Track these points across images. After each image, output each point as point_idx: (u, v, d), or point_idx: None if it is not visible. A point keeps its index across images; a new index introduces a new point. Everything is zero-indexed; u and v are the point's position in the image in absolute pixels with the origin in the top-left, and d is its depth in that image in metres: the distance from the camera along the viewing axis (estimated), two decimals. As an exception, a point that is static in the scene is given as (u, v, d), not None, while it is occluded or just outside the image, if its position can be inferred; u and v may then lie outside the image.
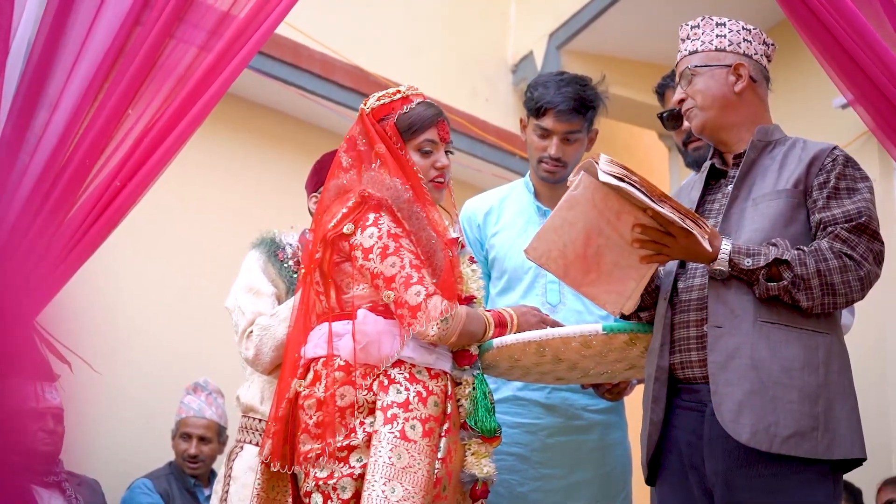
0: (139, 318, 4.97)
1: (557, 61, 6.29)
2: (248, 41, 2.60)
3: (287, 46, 5.44)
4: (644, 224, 2.45)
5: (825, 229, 2.48)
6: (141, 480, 4.68)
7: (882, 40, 2.53)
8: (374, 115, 2.68)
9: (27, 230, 2.37)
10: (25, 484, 2.33)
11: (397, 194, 2.56)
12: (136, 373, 4.91)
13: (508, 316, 2.65)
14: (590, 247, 2.50)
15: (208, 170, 5.39)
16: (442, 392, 2.53)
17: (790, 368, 2.43)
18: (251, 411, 3.16)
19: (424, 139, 2.66)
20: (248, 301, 3.15)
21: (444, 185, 2.71)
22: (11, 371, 2.26)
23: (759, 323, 2.46)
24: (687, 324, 2.57)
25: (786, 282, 2.42)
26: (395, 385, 2.49)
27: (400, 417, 2.46)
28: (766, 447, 2.39)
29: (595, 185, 2.44)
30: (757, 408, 2.41)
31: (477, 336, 2.59)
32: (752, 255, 2.45)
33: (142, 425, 4.99)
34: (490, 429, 2.58)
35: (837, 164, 2.53)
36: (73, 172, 2.43)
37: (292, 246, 3.25)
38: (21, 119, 2.41)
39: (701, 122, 2.68)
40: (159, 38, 2.53)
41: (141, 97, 2.52)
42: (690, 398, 2.55)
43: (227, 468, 3.16)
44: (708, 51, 2.67)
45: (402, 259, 2.51)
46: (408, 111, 2.67)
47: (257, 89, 5.50)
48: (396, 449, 2.43)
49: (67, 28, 2.48)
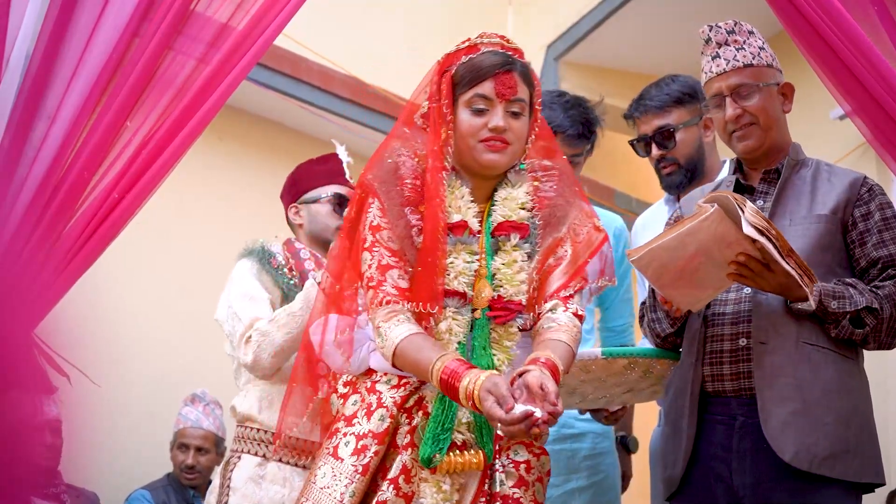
0: (138, 330, 4.97)
1: (555, 72, 6.30)
2: (246, 53, 2.60)
3: (286, 58, 5.45)
4: (749, 254, 2.45)
5: (884, 270, 2.53)
6: (139, 492, 4.68)
7: (879, 52, 2.53)
8: (440, 66, 2.34)
9: (25, 242, 2.37)
10: (27, 498, 2.33)
11: (384, 174, 2.27)
12: (135, 384, 4.91)
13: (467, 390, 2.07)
14: (691, 263, 2.50)
15: (206, 181, 5.39)
16: (397, 404, 2.24)
17: (829, 391, 2.49)
18: (249, 420, 3.14)
19: (475, 94, 2.27)
20: (244, 306, 3.13)
21: (501, 148, 2.28)
22: (10, 384, 2.25)
23: (801, 343, 2.50)
24: (721, 338, 2.58)
25: (868, 328, 2.47)
26: (355, 395, 2.29)
27: (340, 432, 2.24)
28: (807, 467, 2.44)
29: (722, 218, 2.43)
30: (800, 428, 2.46)
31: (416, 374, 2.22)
32: (838, 297, 2.48)
33: (140, 437, 4.99)
34: (423, 457, 2.16)
35: (875, 194, 2.59)
36: (71, 184, 2.42)
37: (279, 253, 3.25)
38: (19, 131, 2.41)
39: (759, 143, 2.65)
40: (157, 50, 2.53)
41: (139, 109, 2.52)
42: (720, 411, 2.56)
43: (224, 478, 3.13)
44: (761, 66, 2.64)
45: (374, 255, 2.23)
46: (467, 61, 2.30)
47: (256, 101, 5.51)
48: (324, 466, 2.22)
49: (66, 40, 2.49)
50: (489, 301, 2.28)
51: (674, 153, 3.29)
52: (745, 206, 2.38)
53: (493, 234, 2.32)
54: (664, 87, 3.32)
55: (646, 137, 3.34)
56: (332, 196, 3.31)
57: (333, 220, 3.26)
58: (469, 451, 2.20)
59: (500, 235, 2.32)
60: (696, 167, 3.28)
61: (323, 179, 3.36)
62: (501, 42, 2.34)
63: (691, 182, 3.24)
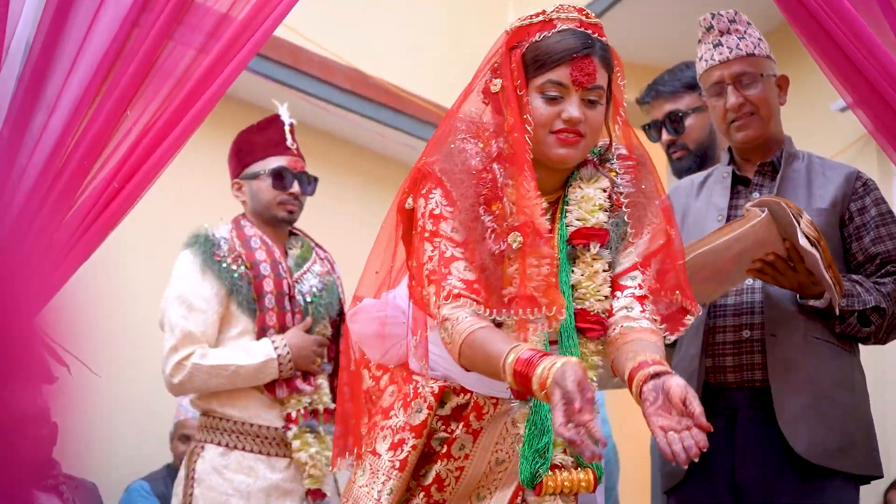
0: (138, 321, 4.96)
1: (556, 64, 6.29)
2: (246, 43, 2.59)
3: (286, 49, 5.43)
4: (778, 254, 2.45)
5: (883, 266, 2.53)
6: (138, 483, 4.68)
7: (882, 44, 2.53)
8: (509, 39, 2.07)
9: (25, 231, 2.36)
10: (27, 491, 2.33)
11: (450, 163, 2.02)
12: (134, 375, 4.90)
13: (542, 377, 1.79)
14: (725, 262, 2.49)
15: (206, 172, 5.38)
16: (434, 395, 2.07)
17: (835, 385, 2.52)
18: (210, 412, 3.14)
19: (548, 80, 2.02)
20: (177, 315, 3.09)
21: (576, 141, 2.03)
22: (11, 374, 2.25)
23: (809, 338, 2.51)
24: (724, 329, 2.59)
25: (874, 326, 2.48)
26: (392, 385, 2.15)
27: (378, 426, 2.11)
28: (818, 460, 2.45)
29: (769, 223, 2.43)
30: (811, 420, 2.48)
31: (486, 373, 1.93)
32: (847, 295, 2.49)
33: (140, 428, 4.99)
34: (524, 478, 1.94)
35: (869, 188, 2.61)
36: (71, 174, 2.42)
37: (226, 240, 3.19)
38: (19, 120, 2.41)
39: (760, 132, 2.66)
40: (157, 39, 2.53)
41: (139, 99, 2.51)
42: (721, 403, 2.56)
43: (189, 469, 3.12)
44: (761, 56, 2.65)
45: (436, 246, 1.98)
46: (539, 40, 2.02)
47: (256, 91, 5.49)
48: (364, 462, 2.10)
49: (66, 29, 2.48)
50: (574, 313, 2.05)
51: (684, 138, 3.30)
52: (802, 217, 2.37)
53: (571, 242, 2.08)
54: (677, 73, 3.33)
55: (657, 122, 3.35)
56: (272, 170, 3.25)
57: (274, 196, 3.20)
58: (576, 470, 1.98)
59: (579, 245, 2.08)
60: (705, 153, 3.29)
61: (263, 151, 3.29)
62: (580, 18, 2.06)
63: (700, 168, 3.25)
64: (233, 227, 3.23)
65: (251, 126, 3.34)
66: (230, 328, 3.13)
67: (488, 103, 2.08)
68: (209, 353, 3.06)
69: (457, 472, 2.08)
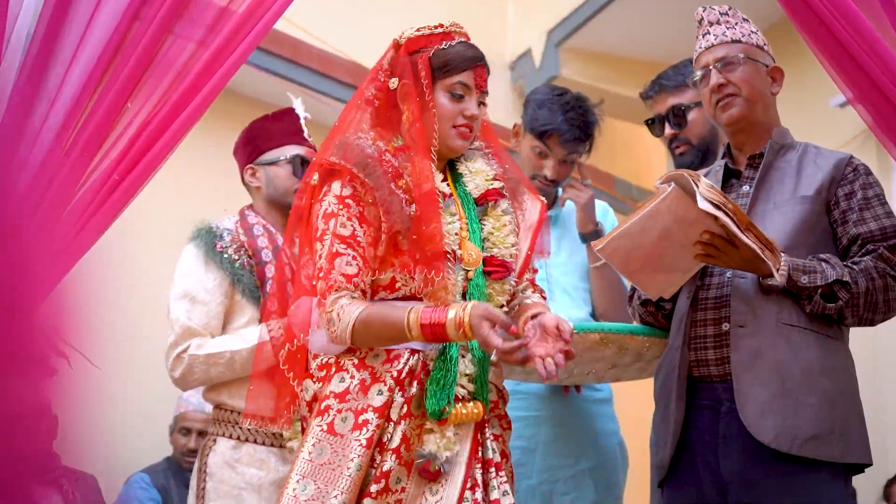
0: (138, 315, 4.97)
1: (556, 59, 6.29)
2: (246, 37, 2.60)
3: (286, 42, 5.44)
4: (713, 232, 2.45)
5: (864, 246, 2.52)
6: (138, 475, 4.69)
7: (882, 39, 2.53)
8: (408, 45, 2.43)
9: (26, 224, 2.37)
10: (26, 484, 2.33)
11: (360, 152, 2.32)
12: (134, 368, 4.90)
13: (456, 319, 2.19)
14: (656, 248, 2.51)
15: (206, 165, 5.39)
16: (394, 377, 2.27)
17: (811, 372, 2.47)
18: (222, 405, 3.13)
19: (457, 81, 2.40)
20: (181, 310, 3.08)
21: (469, 135, 2.43)
22: (11, 367, 2.25)
23: (780, 325, 2.49)
24: (705, 322, 2.59)
25: (841, 302, 2.45)
26: (341, 373, 2.30)
27: (333, 409, 2.26)
28: (787, 448, 2.42)
29: (680, 197, 2.43)
30: (780, 410, 2.44)
31: (383, 342, 2.28)
32: (809, 272, 2.47)
33: (140, 421, 4.99)
34: (432, 411, 2.24)
35: (860, 173, 2.59)
36: (72, 166, 2.42)
37: (230, 231, 3.19)
38: (20, 112, 2.41)
39: (742, 113, 2.66)
40: (158, 33, 2.53)
41: (139, 92, 2.52)
42: (706, 396, 2.57)
43: (202, 462, 3.11)
44: (750, 44, 2.67)
45: (324, 244, 2.28)
46: (446, 48, 2.42)
47: (256, 85, 5.49)
48: (319, 444, 2.24)
49: (66, 22, 2.48)
50: (483, 260, 2.38)
51: (686, 133, 3.30)
52: (700, 181, 2.38)
53: (480, 202, 2.43)
54: (681, 69, 3.34)
55: (660, 116, 3.35)
56: (292, 158, 3.24)
57: (293, 183, 3.19)
58: (470, 403, 2.29)
59: (490, 201, 2.44)
60: (707, 147, 3.29)
61: (280, 139, 3.28)
62: (467, 34, 2.49)
63: (703, 163, 3.25)
64: (238, 218, 3.23)
65: (265, 115, 3.34)
66: (236, 318, 3.13)
67: (377, 102, 2.41)
68: (206, 343, 3.06)
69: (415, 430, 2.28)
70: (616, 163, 6.59)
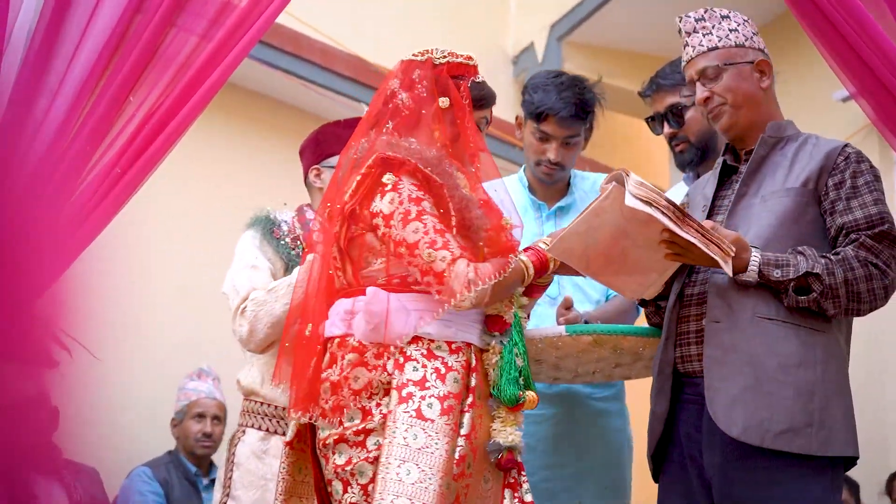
0: (140, 307, 4.97)
1: (558, 53, 6.29)
2: (248, 30, 2.60)
3: (288, 36, 5.43)
4: (669, 230, 2.44)
5: (847, 235, 2.50)
6: (140, 468, 4.70)
7: (884, 32, 2.53)
8: (450, 69, 2.58)
9: (27, 217, 2.37)
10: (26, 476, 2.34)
11: (421, 153, 2.46)
12: (136, 361, 4.91)
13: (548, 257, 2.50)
14: (614, 248, 2.49)
15: (208, 158, 5.39)
16: (463, 367, 2.41)
17: (787, 365, 2.45)
18: (252, 394, 3.13)
19: (483, 116, 2.62)
20: (243, 277, 3.09)
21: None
22: (12, 358, 2.26)
23: (756, 319, 2.48)
24: (688, 318, 2.59)
25: (815, 294, 2.44)
26: (412, 363, 2.38)
27: (416, 396, 2.35)
28: (758, 442, 2.40)
29: (622, 195, 2.42)
30: (750, 403, 2.42)
31: (516, 285, 2.48)
32: (782, 265, 2.46)
33: (141, 414, 5.00)
34: (510, 398, 2.42)
35: (850, 161, 2.55)
36: (74, 159, 2.43)
37: (287, 223, 3.21)
38: (22, 106, 2.41)
39: (732, 121, 2.65)
40: (160, 26, 2.53)
41: (141, 85, 2.52)
42: (691, 391, 2.57)
43: (230, 453, 3.14)
44: (728, 46, 2.64)
45: (425, 224, 2.39)
46: (480, 82, 2.61)
47: (258, 78, 5.50)
48: (412, 429, 2.33)
49: (68, 15, 2.48)
50: None
51: (685, 131, 3.30)
52: (629, 177, 2.37)
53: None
54: (678, 66, 3.32)
55: (659, 115, 3.35)
56: None
57: None
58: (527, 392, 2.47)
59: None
60: (707, 145, 3.28)
61: None
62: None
63: (703, 160, 3.24)
64: (296, 213, 3.25)
65: (337, 121, 3.37)
66: None
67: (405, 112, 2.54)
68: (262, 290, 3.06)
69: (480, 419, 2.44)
70: (617, 156, 6.58)
